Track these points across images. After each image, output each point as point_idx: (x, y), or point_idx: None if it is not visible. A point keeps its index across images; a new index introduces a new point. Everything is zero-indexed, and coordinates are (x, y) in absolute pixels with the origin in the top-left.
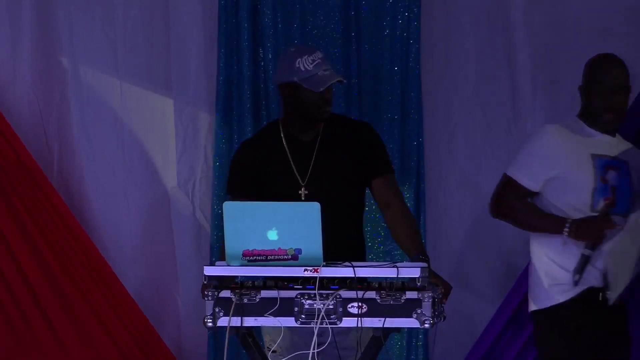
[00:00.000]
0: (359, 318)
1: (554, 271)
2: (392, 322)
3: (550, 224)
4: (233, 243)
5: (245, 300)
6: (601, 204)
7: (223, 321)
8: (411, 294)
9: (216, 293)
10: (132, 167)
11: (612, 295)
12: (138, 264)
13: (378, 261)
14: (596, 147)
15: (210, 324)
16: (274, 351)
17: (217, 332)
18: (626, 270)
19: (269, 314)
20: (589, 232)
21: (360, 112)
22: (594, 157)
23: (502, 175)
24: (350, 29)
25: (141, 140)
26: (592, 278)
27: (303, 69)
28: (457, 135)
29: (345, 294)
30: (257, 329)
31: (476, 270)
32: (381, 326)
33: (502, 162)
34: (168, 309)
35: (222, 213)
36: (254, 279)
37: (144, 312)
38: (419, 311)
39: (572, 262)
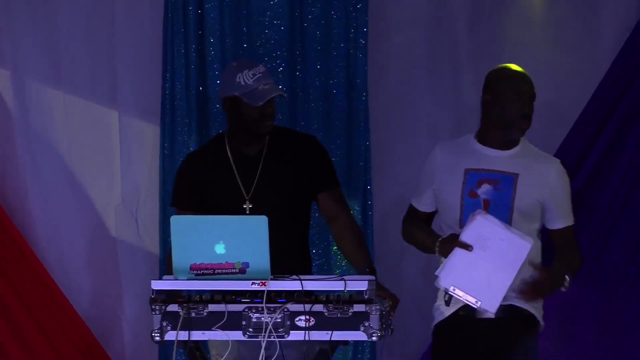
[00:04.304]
0: (307, 331)
1: (440, 290)
2: (339, 335)
3: (430, 242)
4: (180, 257)
5: (193, 314)
6: (469, 219)
7: (171, 335)
8: (359, 307)
9: (163, 307)
10: (76, 184)
11: (486, 308)
12: (82, 283)
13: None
14: (477, 161)
15: (157, 338)
16: None
17: (165, 347)
18: (482, 283)
19: (216, 328)
20: (444, 250)
21: (306, 125)
22: (468, 171)
23: None
24: (296, 40)
25: (86, 155)
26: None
27: (243, 84)
28: (404, 148)
29: (293, 307)
30: (204, 342)
31: (423, 283)
32: (329, 339)
33: None
34: (113, 327)
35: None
36: (201, 292)
37: (91, 329)
38: (366, 324)
39: None
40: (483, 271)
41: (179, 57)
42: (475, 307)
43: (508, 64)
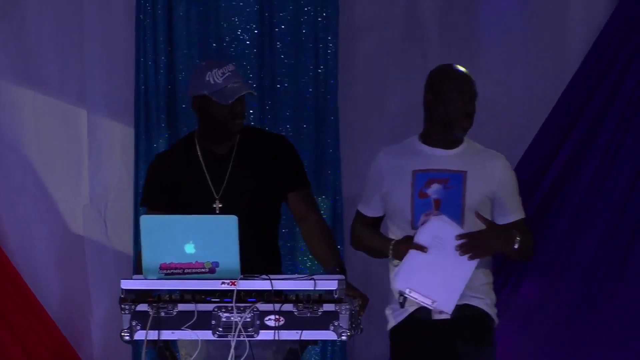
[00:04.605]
0: (276, 331)
1: (394, 293)
2: (309, 335)
3: (382, 246)
4: (150, 256)
5: (163, 314)
6: (422, 220)
7: (140, 335)
8: (328, 307)
9: (133, 307)
10: (44, 184)
11: (442, 308)
12: (51, 283)
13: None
14: (424, 162)
15: (127, 338)
16: None
17: (138, 346)
18: (438, 283)
19: (186, 327)
20: (398, 252)
21: (275, 125)
22: (416, 172)
23: None
24: (265, 40)
25: (55, 155)
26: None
27: (213, 82)
28: (374, 148)
29: (263, 306)
30: (174, 342)
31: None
32: (298, 339)
33: None
34: (82, 328)
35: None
36: (171, 292)
37: (62, 332)
38: (336, 323)
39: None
40: (439, 271)
41: (151, 57)
42: (431, 308)
43: (450, 64)
